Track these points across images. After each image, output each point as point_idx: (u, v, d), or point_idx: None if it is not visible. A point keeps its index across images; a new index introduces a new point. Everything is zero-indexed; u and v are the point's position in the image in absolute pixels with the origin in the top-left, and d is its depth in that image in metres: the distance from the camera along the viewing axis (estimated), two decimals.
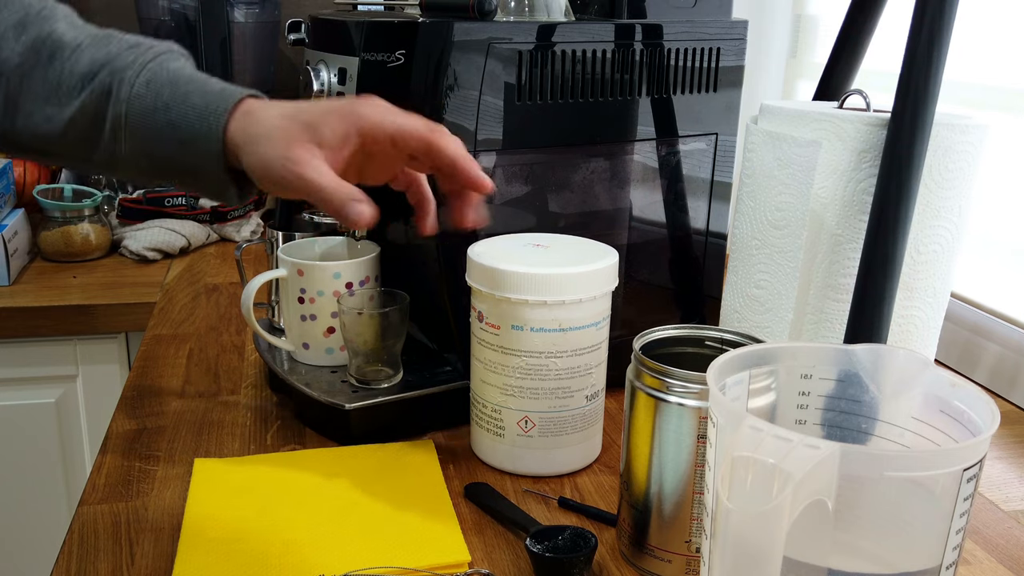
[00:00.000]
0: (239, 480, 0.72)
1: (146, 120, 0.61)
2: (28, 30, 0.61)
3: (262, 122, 0.61)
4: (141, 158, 0.62)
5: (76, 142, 0.62)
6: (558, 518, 0.70)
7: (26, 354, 1.19)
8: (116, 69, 0.61)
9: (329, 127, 0.60)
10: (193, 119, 0.61)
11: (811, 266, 0.74)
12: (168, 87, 0.61)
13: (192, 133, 0.61)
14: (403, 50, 0.75)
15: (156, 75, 0.61)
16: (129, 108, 0.61)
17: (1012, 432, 0.88)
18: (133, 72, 0.61)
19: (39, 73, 0.61)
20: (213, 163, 0.61)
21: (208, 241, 1.43)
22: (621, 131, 0.85)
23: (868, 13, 0.82)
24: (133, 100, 0.61)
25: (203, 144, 0.61)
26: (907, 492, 0.42)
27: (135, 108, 0.61)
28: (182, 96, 0.61)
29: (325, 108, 0.61)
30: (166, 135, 0.61)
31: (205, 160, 0.61)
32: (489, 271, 0.71)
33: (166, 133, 0.61)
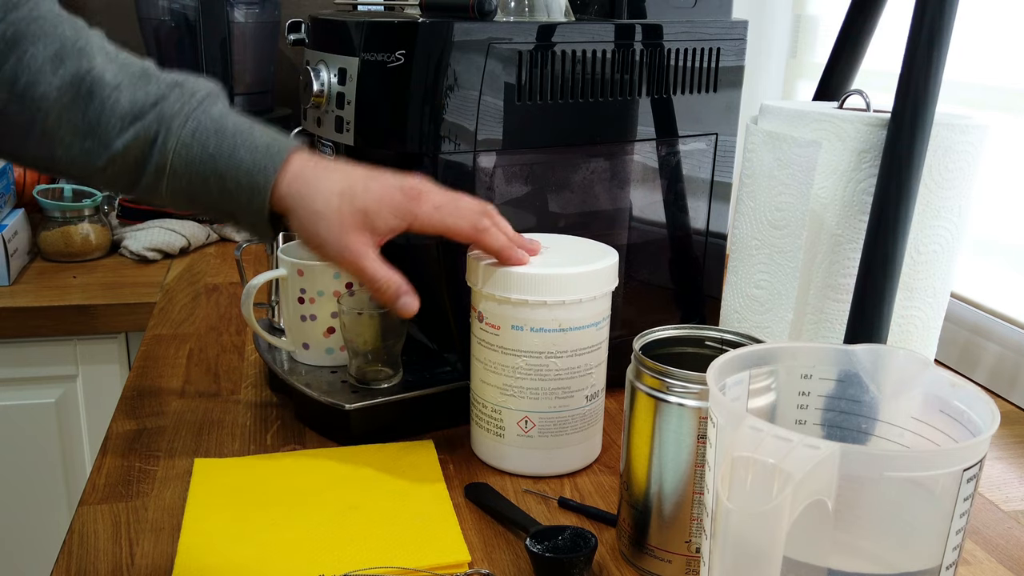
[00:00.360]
0: (239, 480, 0.72)
1: (191, 169, 0.63)
2: (66, 64, 0.61)
3: (317, 196, 0.64)
4: (182, 198, 0.64)
5: (114, 177, 0.64)
6: (558, 518, 0.70)
7: (26, 354, 1.19)
8: (163, 117, 0.62)
9: (382, 220, 0.65)
10: (241, 175, 0.63)
11: (811, 266, 0.74)
12: (214, 137, 0.63)
13: (238, 187, 0.63)
14: (403, 50, 0.75)
15: (201, 124, 0.63)
16: (175, 158, 0.62)
17: (1012, 432, 0.88)
18: (179, 122, 0.62)
19: (78, 109, 0.61)
20: (257, 216, 0.64)
21: (208, 241, 1.43)
22: (621, 131, 0.85)
23: (868, 13, 0.82)
24: (180, 150, 0.62)
25: (248, 199, 0.63)
26: (907, 492, 0.42)
27: (180, 158, 0.62)
28: (229, 149, 0.63)
29: (379, 196, 0.65)
30: (211, 184, 0.63)
31: (248, 212, 0.64)
32: (489, 271, 0.71)
33: (211, 183, 0.63)
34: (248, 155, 0.63)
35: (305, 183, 0.64)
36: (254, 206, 0.63)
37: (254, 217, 0.64)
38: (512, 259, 0.70)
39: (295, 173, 0.64)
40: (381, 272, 0.66)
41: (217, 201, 0.64)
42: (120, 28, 1.66)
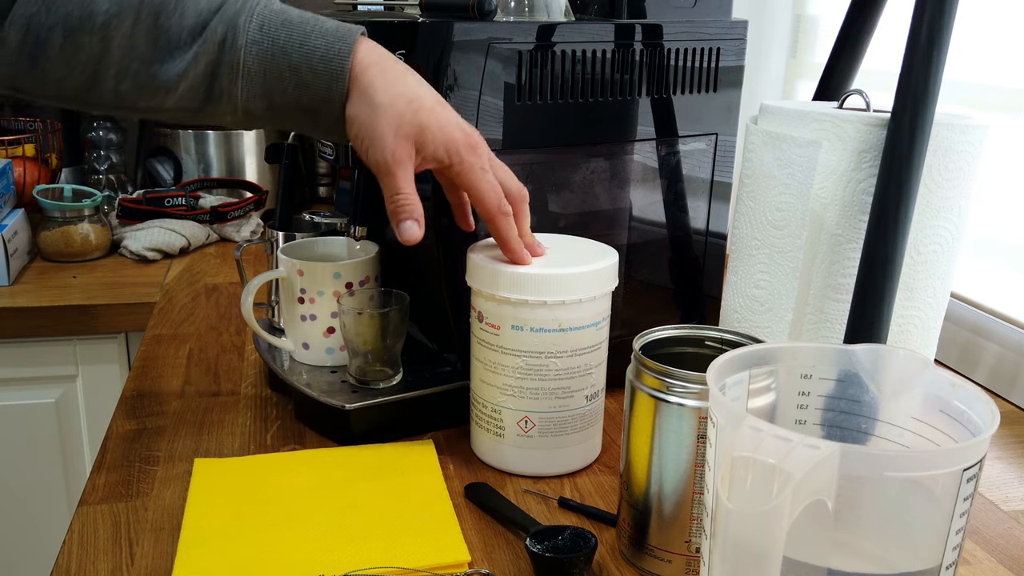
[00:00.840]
0: (239, 480, 0.72)
1: (266, 65, 0.62)
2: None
3: (385, 90, 0.63)
4: (258, 101, 0.63)
5: (184, 96, 0.63)
6: (558, 518, 0.70)
7: (26, 354, 1.19)
8: (226, 17, 0.61)
9: (433, 145, 0.65)
10: (316, 61, 0.62)
11: (811, 266, 0.74)
12: (283, 29, 0.62)
13: (315, 75, 0.62)
14: (403, 50, 0.75)
15: (267, 19, 0.62)
16: (247, 56, 0.61)
17: (1012, 432, 0.88)
18: (246, 18, 0.62)
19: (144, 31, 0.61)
20: (336, 105, 0.63)
21: (208, 241, 1.43)
22: (621, 131, 0.85)
23: (868, 13, 0.82)
24: (250, 47, 0.61)
25: (326, 87, 0.62)
26: (907, 492, 0.42)
27: (252, 54, 0.61)
28: (300, 38, 0.62)
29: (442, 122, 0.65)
30: (287, 78, 0.62)
31: (327, 102, 0.63)
32: (489, 271, 0.71)
33: (287, 76, 0.62)
34: (320, 41, 0.62)
35: (379, 73, 0.63)
36: (334, 93, 0.62)
37: (334, 107, 0.63)
38: (514, 254, 0.70)
39: (368, 61, 0.63)
40: (408, 186, 0.65)
41: (295, 97, 0.63)
42: None
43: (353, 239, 0.87)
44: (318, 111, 0.64)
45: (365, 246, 0.87)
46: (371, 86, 0.63)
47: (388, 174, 0.64)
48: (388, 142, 0.63)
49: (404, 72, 0.66)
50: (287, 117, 0.65)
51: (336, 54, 0.62)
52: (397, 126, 0.63)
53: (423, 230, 0.67)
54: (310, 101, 0.63)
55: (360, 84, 0.63)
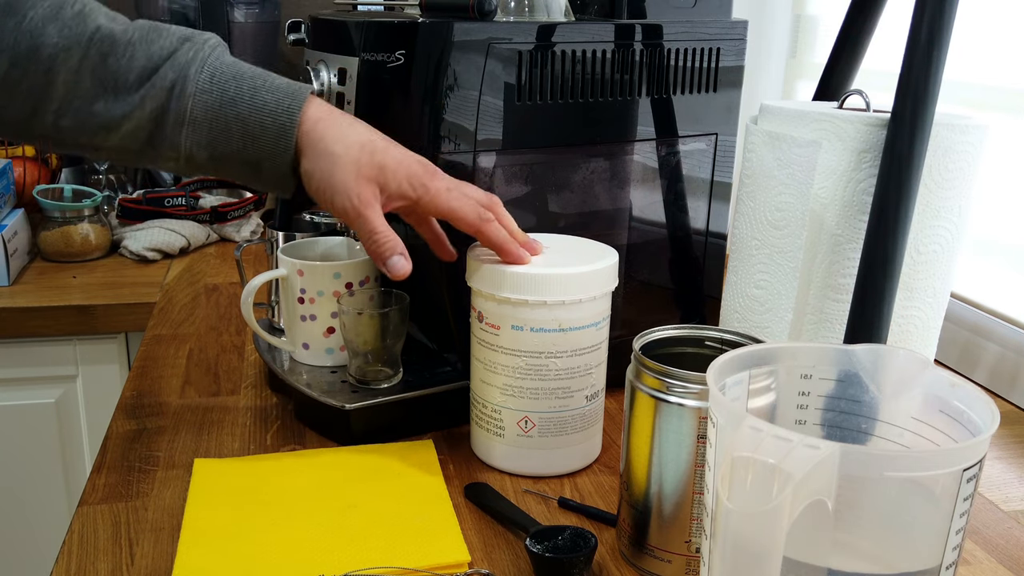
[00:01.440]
0: (239, 480, 0.72)
1: (213, 115, 0.62)
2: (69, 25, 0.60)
3: (338, 140, 0.63)
4: (202, 151, 0.63)
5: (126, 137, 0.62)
6: (558, 518, 0.70)
7: (26, 354, 1.19)
8: (178, 65, 0.61)
9: (396, 182, 0.65)
10: (264, 116, 0.62)
11: (811, 266, 0.74)
12: (233, 82, 0.62)
13: (262, 130, 0.62)
14: (403, 50, 0.75)
15: (218, 71, 0.62)
16: (195, 104, 0.61)
17: (1012, 432, 0.88)
18: (196, 69, 0.62)
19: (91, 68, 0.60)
20: (281, 160, 0.63)
21: (208, 241, 1.43)
22: (621, 131, 0.85)
23: (868, 13, 0.82)
24: (199, 95, 0.61)
25: (273, 141, 0.62)
26: (907, 492, 0.42)
27: (200, 104, 0.61)
28: (250, 92, 0.62)
29: (399, 159, 0.65)
30: (233, 130, 0.62)
31: (272, 157, 0.63)
32: (489, 271, 0.71)
33: (233, 128, 0.62)
34: (270, 96, 0.62)
35: (329, 125, 0.63)
36: (280, 147, 0.62)
37: (279, 162, 0.63)
38: (512, 255, 0.70)
39: (318, 115, 0.63)
40: (382, 225, 0.65)
41: (240, 150, 0.62)
42: None
43: (353, 239, 0.87)
44: (261, 164, 0.64)
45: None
46: (323, 139, 0.63)
47: (359, 217, 0.65)
48: (351, 187, 0.64)
49: (353, 122, 0.66)
50: (230, 168, 0.65)
51: (285, 109, 0.62)
52: (356, 171, 0.64)
53: (411, 262, 0.68)
54: (255, 154, 0.63)
55: (311, 138, 0.63)
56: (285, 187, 0.66)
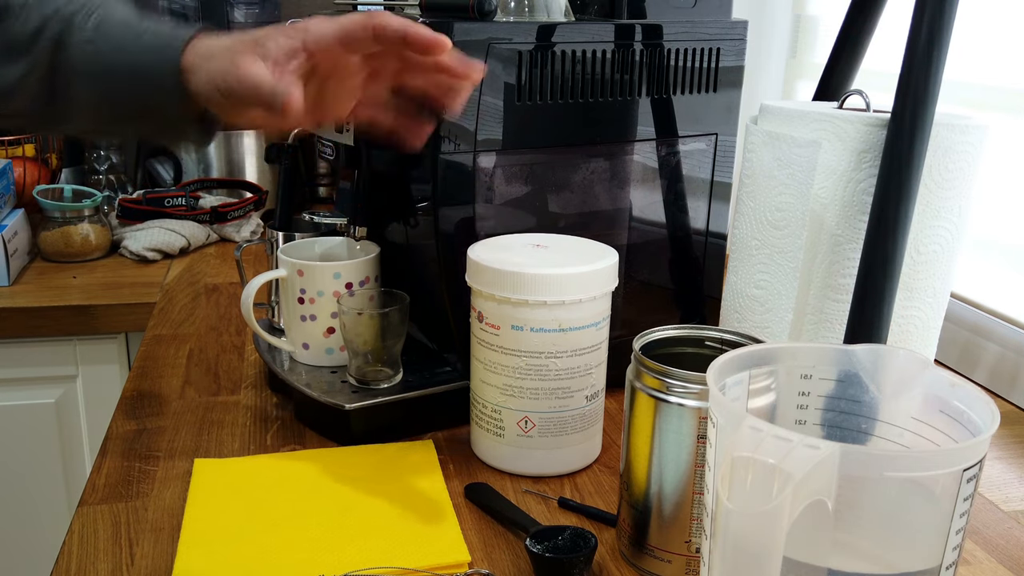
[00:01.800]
0: (239, 480, 0.72)
1: (100, 62, 0.61)
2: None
3: (212, 45, 0.61)
4: (99, 102, 0.62)
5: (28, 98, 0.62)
6: (558, 518, 0.70)
7: (26, 354, 1.19)
8: (64, 16, 0.61)
9: (274, 41, 0.60)
10: (149, 55, 0.60)
11: (811, 266, 0.74)
12: (119, 27, 0.61)
13: (149, 68, 0.60)
14: None
15: (105, 18, 0.61)
16: (82, 52, 0.60)
17: (1012, 432, 0.88)
18: (82, 17, 0.61)
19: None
20: (173, 96, 0.61)
21: (208, 241, 1.43)
22: (621, 131, 0.85)
23: (868, 13, 0.82)
24: (85, 45, 0.60)
25: (160, 78, 0.60)
26: (907, 492, 0.42)
27: (87, 52, 0.60)
28: (135, 35, 0.61)
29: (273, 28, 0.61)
30: (122, 74, 0.61)
31: (165, 94, 0.61)
32: (489, 271, 0.71)
33: (121, 72, 0.61)
34: (154, 38, 0.61)
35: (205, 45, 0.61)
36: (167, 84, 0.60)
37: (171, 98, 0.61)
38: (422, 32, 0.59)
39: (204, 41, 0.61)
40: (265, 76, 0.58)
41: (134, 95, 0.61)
42: None
43: (353, 239, 0.87)
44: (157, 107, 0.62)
45: (365, 246, 0.87)
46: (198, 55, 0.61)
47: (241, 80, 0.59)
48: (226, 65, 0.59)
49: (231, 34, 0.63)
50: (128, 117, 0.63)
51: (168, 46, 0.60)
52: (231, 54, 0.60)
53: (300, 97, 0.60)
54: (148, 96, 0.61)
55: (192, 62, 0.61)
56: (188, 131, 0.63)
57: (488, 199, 0.79)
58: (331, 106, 0.64)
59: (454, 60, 0.61)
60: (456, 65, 0.61)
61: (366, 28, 0.60)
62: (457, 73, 0.61)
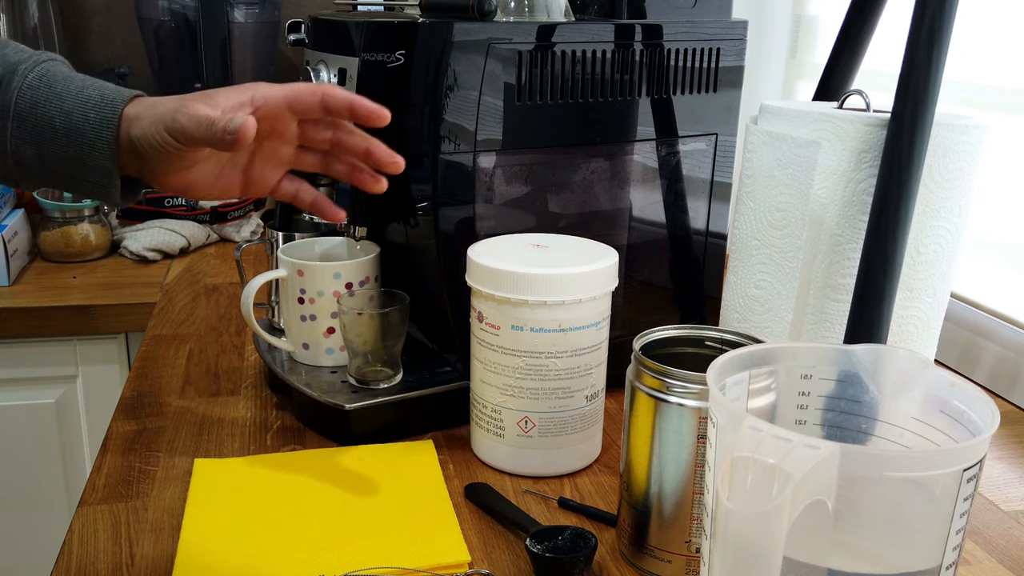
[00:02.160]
0: (239, 480, 0.72)
1: (37, 109, 0.62)
2: None
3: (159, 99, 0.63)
4: (28, 149, 0.62)
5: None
6: (558, 518, 0.70)
7: (26, 354, 1.19)
8: (9, 64, 0.62)
9: (224, 96, 0.62)
10: (88, 109, 0.62)
11: (811, 266, 0.74)
12: (62, 81, 0.62)
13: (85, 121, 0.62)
14: (403, 50, 0.75)
15: (49, 71, 0.63)
16: (20, 96, 0.61)
17: (1012, 432, 0.88)
18: (27, 66, 0.62)
19: None
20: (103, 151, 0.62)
21: (208, 241, 1.43)
22: (621, 131, 0.85)
23: (868, 13, 0.82)
24: (25, 90, 0.62)
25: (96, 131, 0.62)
26: (907, 492, 0.42)
27: (26, 97, 0.62)
28: (76, 89, 0.62)
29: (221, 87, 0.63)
30: (58, 124, 0.62)
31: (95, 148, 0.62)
32: (489, 271, 0.71)
33: (58, 123, 0.62)
34: (96, 93, 0.62)
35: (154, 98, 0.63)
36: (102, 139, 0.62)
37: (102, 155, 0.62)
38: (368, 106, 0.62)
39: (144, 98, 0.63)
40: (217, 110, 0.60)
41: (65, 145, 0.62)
42: (120, 28, 1.67)
43: (353, 239, 0.87)
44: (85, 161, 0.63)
45: (365, 246, 0.87)
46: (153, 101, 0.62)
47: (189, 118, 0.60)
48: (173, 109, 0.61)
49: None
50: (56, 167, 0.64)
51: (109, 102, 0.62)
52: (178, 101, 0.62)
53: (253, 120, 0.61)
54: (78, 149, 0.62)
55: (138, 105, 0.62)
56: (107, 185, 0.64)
57: (488, 199, 0.79)
58: (261, 173, 0.67)
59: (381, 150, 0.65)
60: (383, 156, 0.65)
61: (314, 94, 0.63)
62: (382, 161, 0.65)
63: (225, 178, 0.66)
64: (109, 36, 1.65)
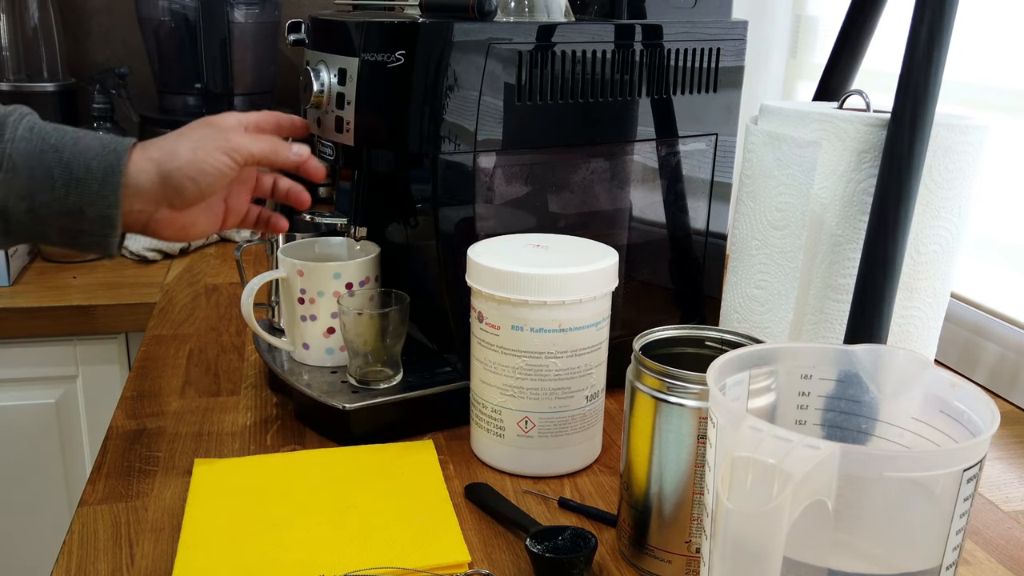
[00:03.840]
0: (239, 480, 0.72)
1: (33, 160, 0.60)
2: None
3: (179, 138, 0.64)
4: (19, 202, 0.61)
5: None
6: (558, 518, 0.70)
7: (26, 354, 1.19)
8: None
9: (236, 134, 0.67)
10: (91, 158, 0.61)
11: (811, 266, 0.74)
12: (55, 133, 0.61)
13: (88, 171, 0.61)
14: (403, 50, 0.75)
15: (38, 124, 0.62)
16: (15, 148, 0.60)
17: (1012, 432, 0.88)
18: (15, 119, 0.61)
19: None
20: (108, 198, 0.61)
21: (208, 241, 1.42)
22: (621, 131, 0.85)
23: (868, 13, 0.82)
24: (19, 142, 0.60)
25: (100, 180, 0.61)
26: (907, 492, 0.42)
27: (20, 150, 0.60)
28: (72, 140, 0.61)
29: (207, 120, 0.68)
30: (56, 174, 0.60)
31: (99, 197, 0.61)
32: (489, 271, 0.71)
33: (56, 172, 0.60)
34: (95, 142, 0.62)
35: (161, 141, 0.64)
36: (108, 187, 0.61)
37: (106, 203, 0.61)
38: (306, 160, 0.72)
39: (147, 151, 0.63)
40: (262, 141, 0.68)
41: (62, 197, 0.60)
42: (120, 28, 1.67)
43: (353, 239, 0.87)
44: (84, 211, 0.61)
45: (365, 246, 0.87)
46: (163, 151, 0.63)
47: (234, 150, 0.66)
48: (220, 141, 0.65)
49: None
50: (48, 221, 0.62)
51: (112, 150, 0.61)
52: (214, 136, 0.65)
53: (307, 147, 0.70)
54: (78, 200, 0.61)
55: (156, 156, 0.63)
56: (107, 235, 0.63)
57: (488, 199, 0.79)
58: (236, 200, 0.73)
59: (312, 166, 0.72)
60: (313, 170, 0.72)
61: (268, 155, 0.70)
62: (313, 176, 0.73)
63: (214, 211, 0.70)
64: (109, 36, 1.65)
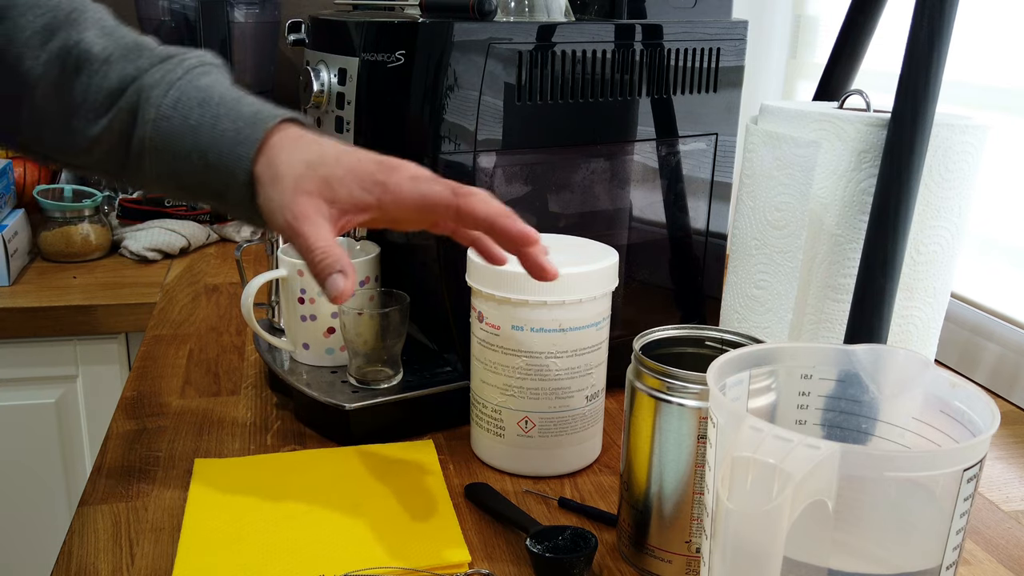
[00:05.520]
0: (239, 480, 0.72)
1: (173, 143, 0.58)
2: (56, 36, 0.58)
3: (285, 162, 0.58)
4: (168, 179, 0.60)
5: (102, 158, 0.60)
6: (558, 518, 0.70)
7: (26, 354, 1.19)
8: (144, 87, 0.58)
9: (346, 189, 0.57)
10: (223, 146, 0.58)
11: (811, 266, 0.74)
12: (198, 108, 0.58)
13: (220, 160, 0.58)
14: (403, 50, 0.75)
15: (185, 94, 0.59)
16: (155, 129, 0.58)
17: (1012, 432, 0.88)
18: (160, 91, 0.58)
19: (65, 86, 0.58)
20: (240, 191, 0.59)
21: (208, 241, 1.43)
22: (621, 131, 0.85)
23: (868, 13, 0.82)
24: (160, 121, 0.58)
25: (230, 173, 0.58)
26: (907, 492, 0.42)
27: (161, 130, 0.58)
28: (212, 119, 0.58)
29: (350, 167, 0.58)
30: (194, 159, 0.59)
31: (232, 187, 0.59)
32: (489, 271, 0.71)
33: (194, 157, 0.59)
34: (231, 124, 0.58)
35: (280, 150, 0.58)
36: (237, 179, 0.58)
37: (238, 192, 0.59)
38: (510, 226, 0.58)
39: (275, 143, 0.58)
40: (321, 241, 0.56)
41: (204, 180, 0.59)
42: None
43: (353, 239, 0.87)
44: (226, 195, 0.60)
45: (365, 246, 0.87)
46: (272, 164, 0.58)
47: (295, 234, 0.57)
48: (287, 204, 0.57)
49: (310, 140, 0.60)
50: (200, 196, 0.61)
51: (244, 139, 0.58)
52: (294, 187, 0.57)
53: (353, 281, 0.58)
54: (217, 184, 0.59)
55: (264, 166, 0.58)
56: (254, 219, 0.61)
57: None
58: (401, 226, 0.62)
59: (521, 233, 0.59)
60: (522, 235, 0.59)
61: (450, 207, 0.57)
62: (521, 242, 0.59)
63: None
64: None
